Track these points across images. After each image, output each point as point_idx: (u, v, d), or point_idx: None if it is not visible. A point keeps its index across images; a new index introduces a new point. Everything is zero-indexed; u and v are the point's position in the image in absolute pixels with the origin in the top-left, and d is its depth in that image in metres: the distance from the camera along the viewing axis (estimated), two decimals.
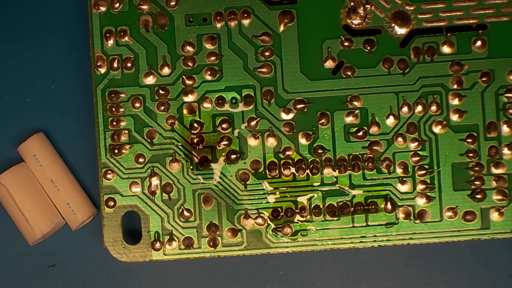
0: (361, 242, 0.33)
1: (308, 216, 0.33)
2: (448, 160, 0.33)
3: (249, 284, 0.35)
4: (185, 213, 0.33)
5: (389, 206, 0.33)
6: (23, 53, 0.35)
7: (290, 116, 0.33)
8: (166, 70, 0.33)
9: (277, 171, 0.33)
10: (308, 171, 0.33)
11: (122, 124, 0.33)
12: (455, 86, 0.33)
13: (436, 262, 0.35)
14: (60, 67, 0.35)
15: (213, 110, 0.33)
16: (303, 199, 0.33)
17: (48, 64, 0.35)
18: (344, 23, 0.33)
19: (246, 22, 0.33)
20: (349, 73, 0.33)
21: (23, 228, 0.34)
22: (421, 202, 0.33)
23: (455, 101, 0.33)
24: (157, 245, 0.33)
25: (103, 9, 0.33)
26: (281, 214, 0.33)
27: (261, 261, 0.35)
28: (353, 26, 0.33)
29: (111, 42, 0.33)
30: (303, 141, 0.33)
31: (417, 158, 0.33)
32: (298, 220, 0.33)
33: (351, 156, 0.33)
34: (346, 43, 0.33)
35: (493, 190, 0.33)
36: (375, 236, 0.33)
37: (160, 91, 0.33)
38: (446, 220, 0.33)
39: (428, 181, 0.33)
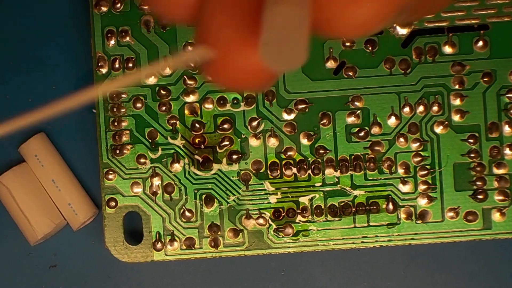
0: (362, 242, 0.33)
1: (310, 217, 0.33)
2: (449, 160, 0.33)
3: (251, 285, 0.35)
4: (187, 213, 0.33)
5: (390, 206, 0.33)
6: (24, 53, 0.35)
7: (292, 116, 0.33)
8: (167, 70, 0.33)
9: (278, 171, 0.33)
10: (309, 171, 0.33)
11: (124, 124, 0.33)
12: (457, 87, 0.33)
13: (438, 263, 0.35)
14: (62, 67, 0.35)
15: (214, 110, 0.33)
16: (304, 200, 0.33)
17: (49, 64, 0.35)
18: None
19: None
20: (350, 74, 0.33)
21: (24, 229, 0.34)
22: (422, 202, 0.33)
23: (457, 102, 0.33)
24: (159, 245, 0.33)
25: (104, 9, 0.33)
26: (283, 214, 0.33)
27: (263, 261, 0.35)
28: None
29: (112, 42, 0.33)
30: (304, 141, 0.33)
31: (418, 159, 0.33)
32: (299, 220, 0.33)
33: (352, 157, 0.33)
34: (348, 44, 0.33)
35: (495, 191, 0.33)
36: (376, 236, 0.33)
37: (162, 92, 0.33)
38: (447, 221, 0.33)
39: (430, 181, 0.33)
